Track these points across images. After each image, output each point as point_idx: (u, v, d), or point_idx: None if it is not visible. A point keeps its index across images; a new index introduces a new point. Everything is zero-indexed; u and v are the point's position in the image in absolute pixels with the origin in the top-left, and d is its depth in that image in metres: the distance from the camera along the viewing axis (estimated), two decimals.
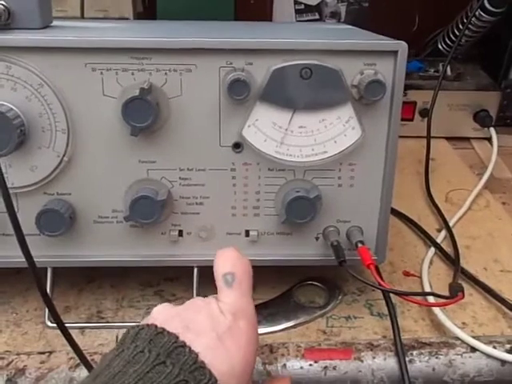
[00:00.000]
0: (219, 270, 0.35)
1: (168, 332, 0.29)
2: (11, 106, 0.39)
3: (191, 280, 0.46)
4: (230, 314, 0.32)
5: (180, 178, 0.43)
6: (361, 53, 0.40)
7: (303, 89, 0.40)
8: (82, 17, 0.76)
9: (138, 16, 0.83)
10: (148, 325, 0.30)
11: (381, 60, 0.40)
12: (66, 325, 0.37)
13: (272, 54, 0.40)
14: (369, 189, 0.44)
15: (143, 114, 0.39)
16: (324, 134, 0.42)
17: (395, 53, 0.40)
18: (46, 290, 0.38)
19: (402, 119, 0.80)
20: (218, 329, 0.31)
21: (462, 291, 0.41)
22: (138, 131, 0.39)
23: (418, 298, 0.45)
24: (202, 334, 0.30)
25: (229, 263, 0.35)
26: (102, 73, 0.40)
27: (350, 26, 0.59)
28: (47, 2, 0.47)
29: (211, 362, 0.29)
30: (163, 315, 0.32)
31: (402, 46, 0.40)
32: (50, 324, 0.45)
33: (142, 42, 0.39)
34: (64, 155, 0.42)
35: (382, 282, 0.40)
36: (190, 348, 0.28)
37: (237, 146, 0.42)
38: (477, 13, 0.75)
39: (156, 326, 0.30)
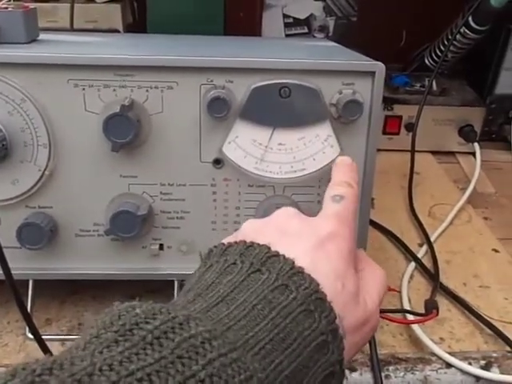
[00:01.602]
0: (330, 186, 0.34)
1: (258, 244, 0.28)
2: None
3: (173, 292, 0.47)
4: (335, 220, 0.31)
5: (161, 192, 0.44)
6: (339, 73, 0.41)
7: (282, 107, 0.41)
8: (72, 27, 0.77)
9: (128, 27, 0.84)
10: (236, 242, 0.29)
11: (359, 80, 0.41)
12: (47, 337, 0.37)
13: (252, 72, 0.40)
14: None
15: (124, 131, 0.39)
16: (303, 152, 0.42)
17: (373, 73, 0.41)
18: (23, 302, 0.38)
19: (388, 133, 0.82)
20: (319, 232, 0.30)
21: (437, 308, 0.41)
22: (118, 147, 0.40)
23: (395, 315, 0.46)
24: (301, 238, 0.29)
25: (344, 182, 0.35)
26: (84, 89, 0.40)
27: (333, 44, 0.60)
28: (33, 17, 0.47)
29: (312, 261, 0.27)
30: (254, 228, 0.31)
31: (379, 67, 0.40)
32: (30, 336, 0.45)
33: (124, 59, 0.40)
34: (45, 169, 0.42)
35: None
36: (284, 256, 0.27)
37: (217, 162, 0.43)
38: (462, 30, 0.76)
39: (245, 242, 0.28)
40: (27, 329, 0.45)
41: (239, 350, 0.22)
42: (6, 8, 0.45)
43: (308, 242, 0.29)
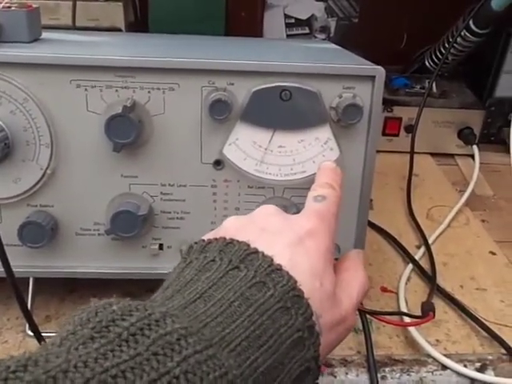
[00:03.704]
0: (313, 188, 0.35)
1: (238, 241, 0.28)
2: None
3: None
4: (315, 218, 0.31)
5: (161, 193, 0.44)
6: (340, 76, 0.41)
7: (283, 110, 0.41)
8: (74, 25, 0.77)
9: (130, 26, 0.84)
10: (216, 238, 0.29)
11: (359, 84, 0.41)
12: (47, 334, 0.37)
13: (253, 75, 0.41)
14: (346, 207, 0.45)
15: (126, 131, 0.40)
16: (303, 154, 0.43)
17: (373, 78, 0.41)
18: (24, 300, 0.39)
19: (388, 134, 0.83)
20: (298, 230, 0.30)
21: (433, 311, 0.42)
22: (120, 147, 0.40)
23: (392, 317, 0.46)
24: (281, 235, 0.29)
25: (327, 183, 0.35)
26: (86, 89, 0.40)
27: (335, 46, 0.60)
28: (36, 16, 0.48)
29: (291, 259, 0.28)
30: (235, 225, 0.31)
31: (379, 72, 0.41)
32: (30, 333, 0.45)
33: (127, 60, 0.40)
34: (47, 168, 0.42)
35: None
36: (263, 253, 0.27)
37: (217, 163, 0.43)
38: (462, 33, 0.76)
39: (225, 238, 0.29)
40: (27, 326, 0.46)
41: (215, 346, 0.22)
42: (10, 7, 0.45)
43: (287, 239, 0.29)
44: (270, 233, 0.29)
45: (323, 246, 0.30)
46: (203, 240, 0.29)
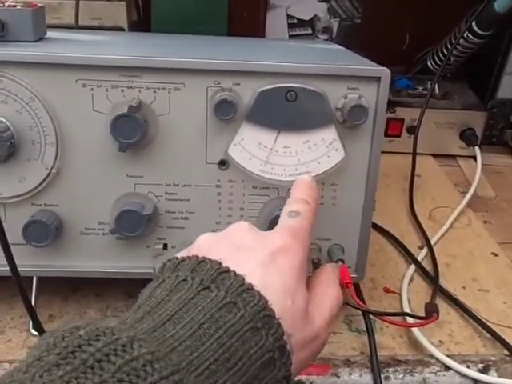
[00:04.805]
0: (288, 202, 0.35)
1: (210, 260, 0.28)
2: (1, 119, 0.40)
3: None
4: (287, 234, 0.31)
5: (166, 192, 0.44)
6: (345, 77, 0.41)
7: (288, 111, 0.41)
8: (77, 24, 0.77)
9: (133, 25, 0.84)
10: (189, 257, 0.29)
11: (364, 85, 0.41)
12: None
13: (259, 76, 0.41)
14: (350, 208, 0.45)
15: (131, 131, 0.40)
16: (308, 155, 0.43)
17: (378, 79, 0.41)
18: (29, 299, 0.39)
19: (390, 135, 0.83)
20: (271, 247, 0.30)
21: (437, 312, 0.42)
22: (125, 147, 0.40)
23: (395, 318, 0.47)
24: (253, 252, 0.29)
25: (301, 199, 0.35)
26: (92, 89, 0.41)
27: (339, 47, 0.60)
28: (41, 15, 0.48)
29: (263, 277, 0.28)
30: (208, 243, 0.31)
31: (384, 73, 0.41)
32: (34, 332, 0.45)
33: (133, 60, 0.40)
34: (52, 167, 0.42)
35: (358, 302, 0.41)
36: (234, 272, 0.27)
37: (222, 163, 0.43)
38: (465, 34, 0.77)
39: (197, 257, 0.28)
40: (30, 325, 0.46)
41: (182, 371, 0.22)
42: (15, 6, 0.45)
43: (260, 256, 0.29)
44: (243, 250, 0.29)
45: (296, 263, 0.30)
46: (176, 258, 0.29)
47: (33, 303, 0.45)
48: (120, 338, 0.22)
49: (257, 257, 0.29)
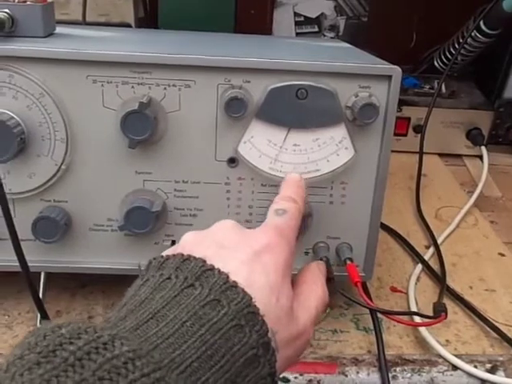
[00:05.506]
0: (275, 200, 0.35)
1: (194, 257, 0.28)
2: (12, 115, 0.40)
3: None
4: (273, 232, 0.31)
5: (175, 189, 0.44)
6: (356, 76, 0.41)
7: (298, 108, 0.41)
8: (84, 20, 0.77)
9: (140, 21, 0.84)
10: (173, 255, 0.28)
11: (375, 83, 0.41)
12: None
13: (269, 73, 0.41)
14: (359, 207, 0.45)
15: (141, 128, 0.40)
16: (317, 153, 0.43)
17: (389, 77, 0.41)
18: (38, 293, 0.39)
19: (396, 134, 0.83)
20: (255, 245, 0.30)
21: (446, 311, 0.42)
22: (135, 144, 0.40)
23: (402, 317, 0.46)
24: (238, 250, 0.29)
25: (289, 197, 0.35)
26: (102, 85, 0.40)
27: (347, 45, 0.60)
28: (50, 11, 0.48)
29: (248, 274, 0.27)
30: (193, 241, 0.31)
31: (396, 71, 0.41)
32: None
33: (143, 57, 0.40)
34: (62, 163, 0.42)
35: (367, 300, 0.41)
36: (219, 270, 0.27)
37: (232, 161, 0.43)
38: (472, 33, 0.76)
39: (182, 255, 0.28)
40: (38, 320, 0.46)
41: (164, 369, 0.22)
42: (25, 2, 0.45)
43: (244, 254, 0.29)
44: (227, 248, 0.29)
45: (280, 261, 0.30)
46: (161, 256, 0.29)
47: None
48: (102, 336, 0.22)
49: (241, 255, 0.29)
